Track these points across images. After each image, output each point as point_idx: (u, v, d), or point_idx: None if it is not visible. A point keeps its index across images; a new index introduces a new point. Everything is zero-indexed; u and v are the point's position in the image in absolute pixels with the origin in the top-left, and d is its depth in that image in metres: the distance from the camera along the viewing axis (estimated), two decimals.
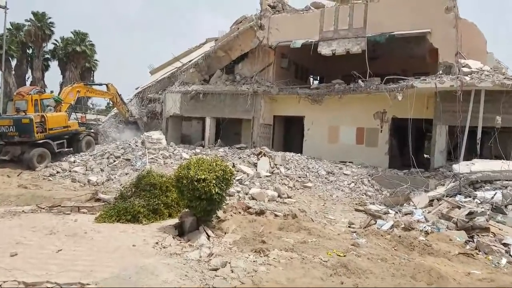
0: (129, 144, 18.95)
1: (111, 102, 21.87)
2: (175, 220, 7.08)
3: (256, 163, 16.35)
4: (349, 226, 9.28)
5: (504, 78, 13.28)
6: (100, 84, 21.64)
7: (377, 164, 16.50)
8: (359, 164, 16.48)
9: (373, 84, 16.25)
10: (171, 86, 22.20)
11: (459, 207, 9.10)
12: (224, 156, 17.47)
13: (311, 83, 23.84)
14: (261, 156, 16.74)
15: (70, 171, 15.77)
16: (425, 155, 28.63)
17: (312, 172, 15.74)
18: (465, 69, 14.34)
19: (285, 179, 14.92)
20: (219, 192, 6.16)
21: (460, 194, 11.16)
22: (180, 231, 6.53)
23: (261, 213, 9.16)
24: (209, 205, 6.16)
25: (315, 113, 18.56)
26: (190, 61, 23.51)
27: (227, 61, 20.74)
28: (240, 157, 17.34)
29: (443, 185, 13.02)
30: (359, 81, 16.40)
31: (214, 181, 6.07)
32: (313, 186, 14.46)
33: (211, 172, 6.17)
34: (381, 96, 16.40)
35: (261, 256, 5.14)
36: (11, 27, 42.30)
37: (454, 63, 14.97)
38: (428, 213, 9.78)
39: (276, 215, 9.15)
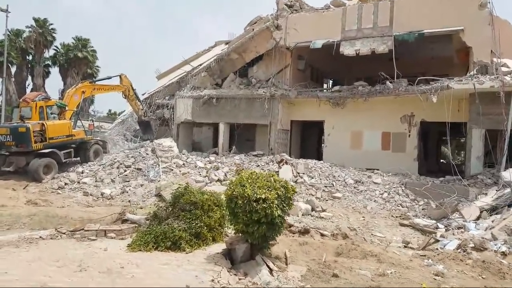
0: (139, 153, 17.90)
1: (123, 96, 20.04)
2: (220, 245, 6.01)
3: (277, 171, 15.30)
4: (405, 246, 8.26)
5: None
6: (109, 78, 20.00)
7: (406, 171, 15.44)
8: (387, 171, 15.42)
9: (401, 85, 15.25)
10: (182, 91, 21.18)
11: None
12: (241, 164, 16.47)
13: (328, 86, 22.88)
14: (283, 164, 15.72)
15: (79, 182, 14.70)
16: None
17: (339, 181, 14.69)
18: (504, 69, 13.38)
19: (311, 189, 13.90)
20: (281, 214, 5.11)
21: None
22: (230, 260, 5.46)
23: (305, 232, 8.11)
24: (268, 230, 5.10)
25: (336, 117, 17.54)
26: (200, 64, 22.53)
27: (241, 63, 19.75)
28: (258, 165, 16.31)
29: (486, 194, 12.03)
30: (387, 82, 15.38)
31: (276, 202, 5.01)
32: (342, 196, 13.39)
33: (271, 190, 5.11)
34: (409, 98, 15.43)
35: None
36: (9, 34, 41.25)
37: (489, 62, 14.01)
38: (490, 228, 8.72)
39: (322, 234, 8.10)
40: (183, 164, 16.54)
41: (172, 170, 15.53)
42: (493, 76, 13.21)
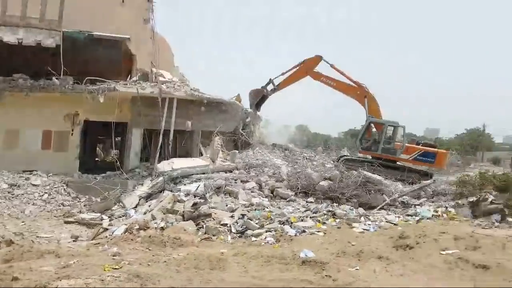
0: None
1: None
2: None
3: None
4: (75, 240, 8.35)
5: (191, 89, 15.82)
6: None
7: (67, 170, 14.83)
8: (48, 171, 14.43)
9: (68, 83, 14.76)
10: None
11: (179, 201, 10.13)
12: None
13: None
14: None
15: None
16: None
17: None
18: (161, 78, 15.89)
19: None
20: None
21: (166, 190, 12.21)
22: None
23: None
24: None
25: None
26: None
27: None
28: None
29: (142, 184, 13.63)
30: (54, 78, 14.45)
31: None
32: None
33: None
34: (75, 97, 15.05)
35: None
36: None
37: (149, 71, 16.21)
38: (149, 211, 10.18)
39: None
40: None
41: None
42: (153, 83, 15.35)
